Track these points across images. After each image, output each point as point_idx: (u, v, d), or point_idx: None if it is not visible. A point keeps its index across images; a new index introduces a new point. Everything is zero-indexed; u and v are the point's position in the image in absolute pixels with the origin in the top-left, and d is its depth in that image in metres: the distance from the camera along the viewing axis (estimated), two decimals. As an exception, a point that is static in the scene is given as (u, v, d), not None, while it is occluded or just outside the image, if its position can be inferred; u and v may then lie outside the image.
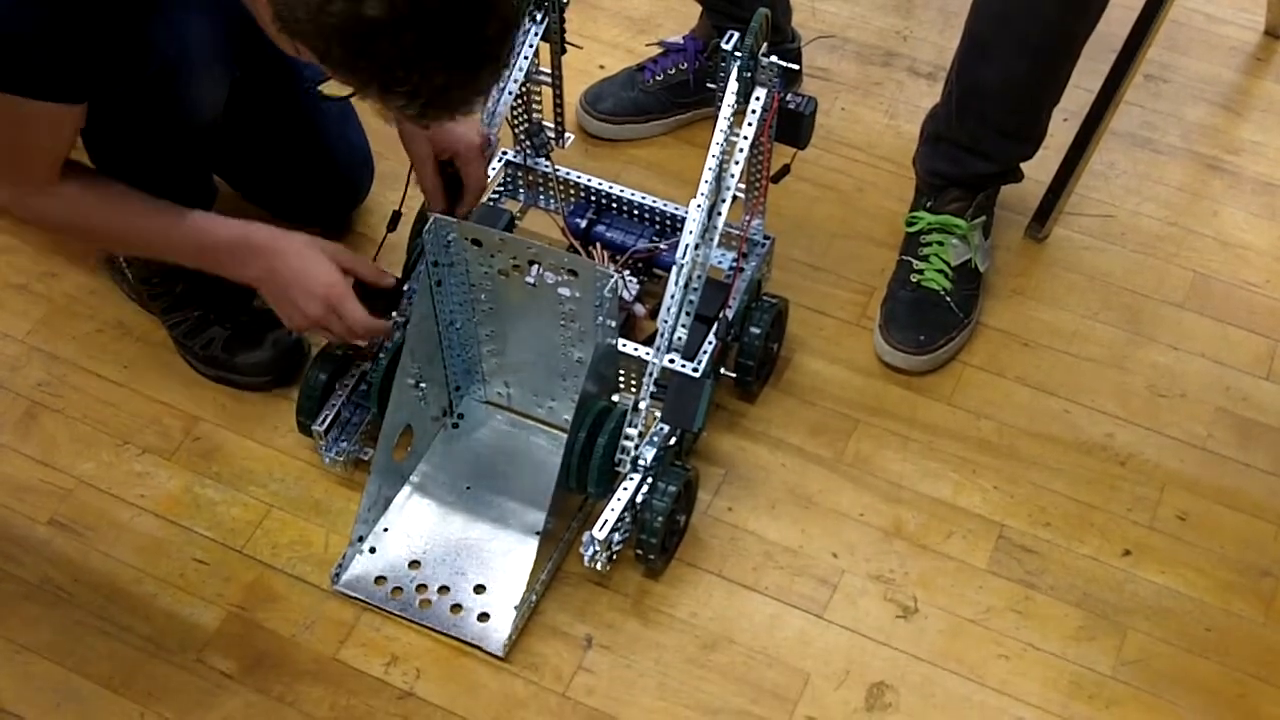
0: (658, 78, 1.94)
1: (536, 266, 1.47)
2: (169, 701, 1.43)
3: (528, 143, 1.70)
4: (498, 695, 1.43)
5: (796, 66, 1.56)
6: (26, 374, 1.68)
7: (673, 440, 1.49)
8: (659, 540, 1.46)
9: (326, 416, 1.52)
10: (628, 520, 1.46)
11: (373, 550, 1.51)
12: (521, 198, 1.75)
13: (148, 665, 1.45)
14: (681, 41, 1.96)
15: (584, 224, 1.69)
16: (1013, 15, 1.61)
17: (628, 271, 1.63)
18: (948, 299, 1.71)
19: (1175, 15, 1.81)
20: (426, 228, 1.47)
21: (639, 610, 1.50)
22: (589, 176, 1.69)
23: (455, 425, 1.62)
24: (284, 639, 1.47)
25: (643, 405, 1.47)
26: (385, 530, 1.53)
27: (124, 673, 1.45)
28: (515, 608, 1.46)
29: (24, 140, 1.33)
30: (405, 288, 1.54)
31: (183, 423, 1.64)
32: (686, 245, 1.49)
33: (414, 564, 1.51)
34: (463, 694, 1.43)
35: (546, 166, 1.70)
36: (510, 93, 1.60)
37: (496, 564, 1.51)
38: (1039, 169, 1.81)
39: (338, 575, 1.49)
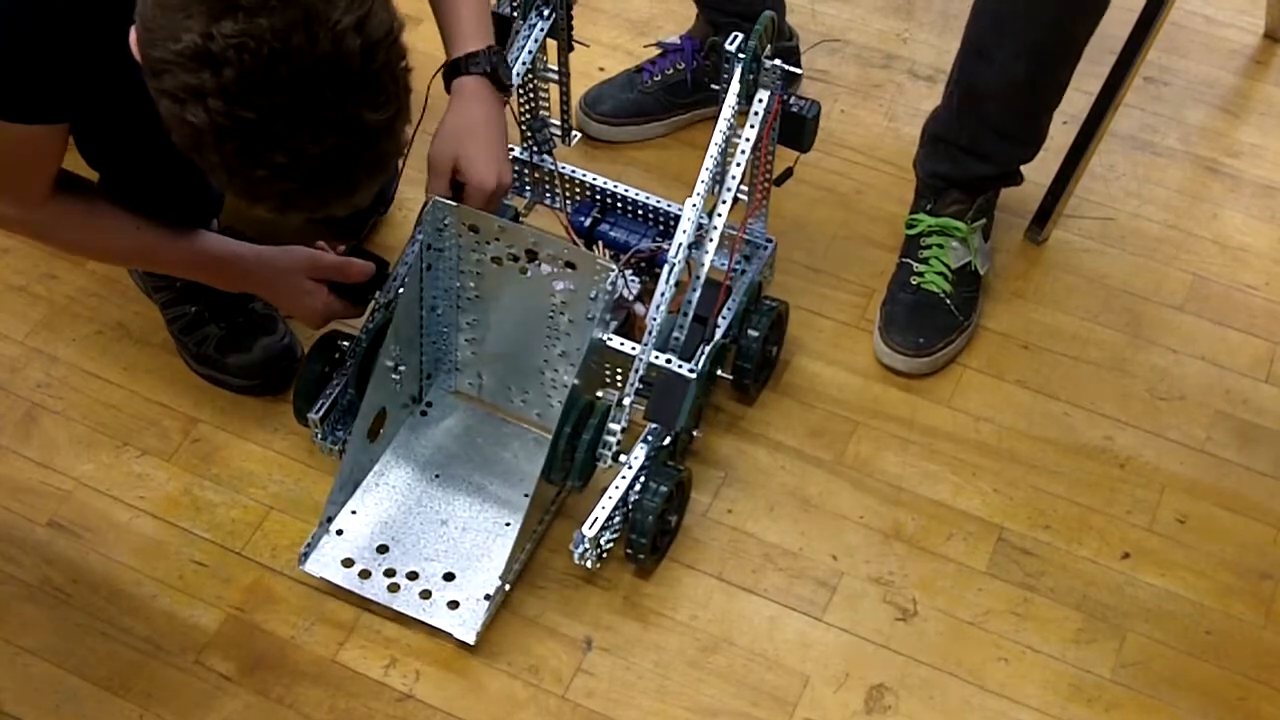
0: (656, 78, 1.94)
1: (535, 261, 1.47)
2: (168, 703, 1.43)
3: (532, 139, 1.70)
4: (497, 697, 1.43)
5: (799, 70, 1.56)
6: (26, 375, 1.68)
7: (666, 440, 1.50)
8: (649, 540, 1.46)
9: (323, 405, 1.52)
10: (617, 520, 1.46)
11: (340, 532, 1.52)
12: (527, 194, 1.75)
13: (147, 667, 1.45)
14: (678, 41, 1.96)
15: (588, 222, 1.69)
16: (1012, 18, 1.61)
17: (630, 271, 1.63)
18: (947, 301, 1.71)
19: (1175, 18, 1.81)
20: (425, 209, 1.47)
21: (639, 612, 1.50)
22: (594, 175, 1.70)
23: (424, 413, 1.63)
24: (283, 640, 1.47)
25: (626, 401, 1.47)
26: (353, 513, 1.53)
27: (123, 674, 1.44)
28: (488, 597, 1.46)
29: (8, 161, 1.33)
30: (390, 271, 1.55)
31: (182, 424, 1.64)
32: (679, 244, 1.50)
33: (382, 549, 1.51)
34: (462, 696, 1.43)
35: (550, 164, 1.70)
36: (513, 85, 1.60)
37: (466, 554, 1.51)
38: (1039, 171, 1.81)
39: (305, 555, 1.49)
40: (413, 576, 1.49)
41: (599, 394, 1.52)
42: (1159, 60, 2.05)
